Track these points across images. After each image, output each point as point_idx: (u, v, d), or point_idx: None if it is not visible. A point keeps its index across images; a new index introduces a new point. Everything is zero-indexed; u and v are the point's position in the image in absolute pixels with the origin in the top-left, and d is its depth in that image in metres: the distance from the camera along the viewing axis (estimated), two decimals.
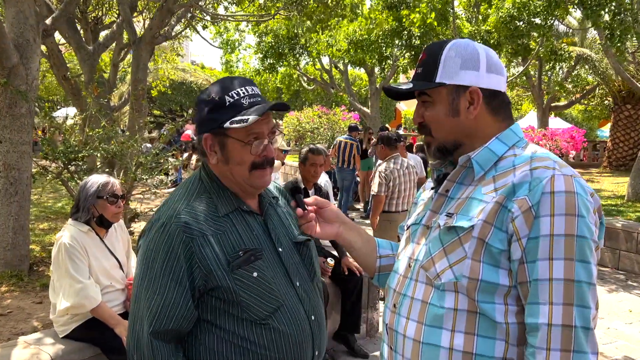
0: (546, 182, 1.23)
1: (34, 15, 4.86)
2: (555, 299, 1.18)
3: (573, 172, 1.27)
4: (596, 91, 20.32)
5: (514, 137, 1.40)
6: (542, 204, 1.21)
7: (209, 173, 1.63)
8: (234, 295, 1.49)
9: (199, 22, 11.42)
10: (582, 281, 1.18)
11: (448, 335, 1.30)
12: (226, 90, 1.56)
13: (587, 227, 1.20)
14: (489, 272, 1.27)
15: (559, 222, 1.20)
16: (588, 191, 1.25)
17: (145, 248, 1.51)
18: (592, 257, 1.21)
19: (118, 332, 3.03)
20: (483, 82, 1.39)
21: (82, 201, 3.18)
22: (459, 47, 1.41)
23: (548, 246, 1.20)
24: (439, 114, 1.42)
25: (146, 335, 1.45)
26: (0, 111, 4.68)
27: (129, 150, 5.52)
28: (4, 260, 4.64)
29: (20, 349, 3.03)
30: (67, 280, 2.99)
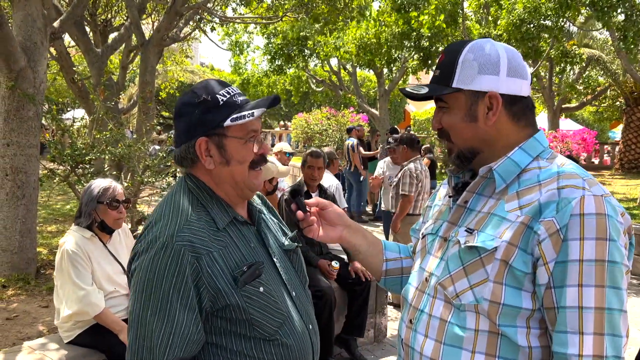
0: (575, 203, 1.15)
1: (41, 19, 4.86)
2: (586, 328, 1.12)
3: (603, 190, 1.19)
4: (607, 92, 20.13)
5: (539, 146, 1.31)
6: (571, 227, 1.14)
7: (196, 183, 1.54)
8: (243, 313, 1.42)
9: (207, 24, 11.43)
10: (613, 309, 1.12)
11: (468, 357, 1.24)
12: (215, 90, 1.50)
13: (618, 251, 1.14)
14: (511, 295, 1.21)
15: (589, 247, 1.13)
16: (619, 211, 1.18)
17: (146, 271, 1.39)
18: (623, 282, 1.15)
19: (122, 338, 3.00)
20: (503, 87, 1.29)
21: (84, 206, 3.16)
22: (478, 49, 1.31)
23: (578, 272, 1.13)
24: (456, 119, 1.34)
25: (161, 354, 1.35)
26: (8, 114, 4.68)
27: (136, 153, 5.51)
28: (11, 264, 4.64)
29: (24, 355, 3.01)
30: (70, 287, 2.97)
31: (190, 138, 1.49)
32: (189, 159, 1.52)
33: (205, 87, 1.51)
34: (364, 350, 4.64)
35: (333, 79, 21.34)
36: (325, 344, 4.29)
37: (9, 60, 4.57)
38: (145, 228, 1.50)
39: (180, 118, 1.53)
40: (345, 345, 4.58)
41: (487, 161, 1.32)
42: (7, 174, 4.66)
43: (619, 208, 1.19)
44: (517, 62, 1.32)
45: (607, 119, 23.58)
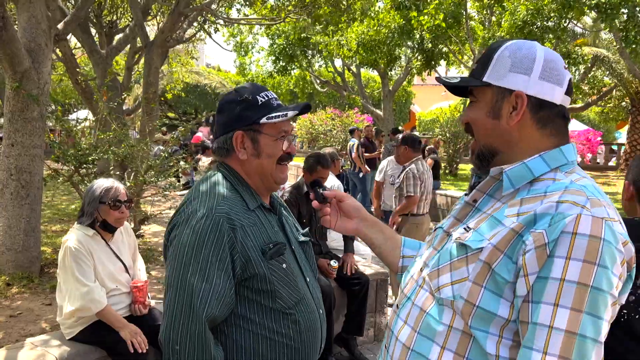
0: (570, 220, 1.09)
1: (46, 21, 4.93)
2: (552, 349, 1.06)
3: (607, 214, 1.11)
4: (613, 93, 20.05)
5: (561, 159, 1.25)
6: (559, 244, 1.08)
7: (229, 171, 1.73)
8: (268, 284, 1.60)
9: (212, 25, 11.49)
10: (586, 336, 1.06)
11: (437, 351, 1.23)
12: (257, 92, 1.72)
13: (607, 279, 1.07)
14: (489, 299, 1.17)
15: (574, 268, 1.07)
16: (620, 239, 1.10)
17: (187, 237, 1.54)
18: (606, 313, 1.08)
19: (123, 335, 3.05)
20: (532, 88, 1.25)
21: (86, 205, 3.21)
22: (515, 47, 1.29)
23: (556, 291, 1.08)
24: (481, 114, 1.32)
25: (201, 320, 1.49)
26: (13, 115, 4.75)
27: (139, 154, 5.57)
28: (15, 262, 4.70)
29: (26, 351, 3.06)
30: (73, 283, 3.02)
31: (229, 131, 1.71)
32: (225, 149, 1.73)
33: (247, 88, 1.73)
34: (364, 349, 4.68)
35: (337, 79, 21.38)
36: (326, 342, 4.33)
37: (13, 61, 4.64)
38: (182, 204, 1.68)
39: (221, 113, 1.75)
40: (345, 344, 4.62)
41: (505, 164, 1.29)
42: (11, 174, 4.73)
43: (621, 236, 1.11)
44: (554, 66, 1.26)
45: (613, 120, 23.48)
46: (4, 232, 4.72)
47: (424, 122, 29.79)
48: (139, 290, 3.30)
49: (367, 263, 5.22)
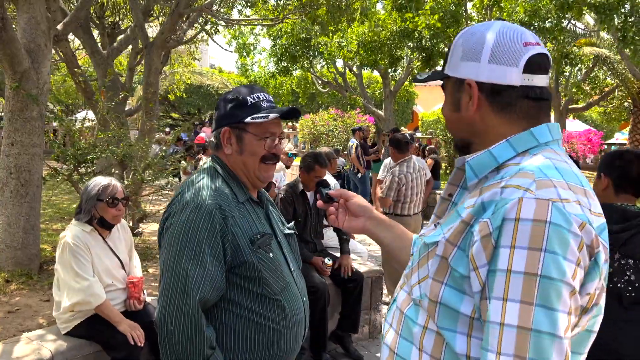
0: (511, 205, 1.00)
1: (45, 22, 4.99)
2: (505, 349, 0.96)
3: (558, 195, 1.01)
4: (615, 93, 20.00)
5: (531, 141, 1.15)
6: (503, 232, 1.00)
7: (221, 164, 1.85)
8: (255, 271, 1.70)
9: (213, 26, 11.55)
10: (542, 331, 0.95)
11: (417, 355, 1.16)
12: (249, 93, 1.83)
13: (556, 265, 0.96)
14: (450, 296, 1.10)
15: (519, 257, 0.97)
16: (575, 221, 0.99)
17: (181, 225, 1.65)
18: (561, 304, 0.96)
19: (122, 329, 3.11)
20: (482, 74, 1.17)
21: (84, 203, 3.28)
22: (468, 34, 1.23)
23: (504, 284, 0.98)
24: (446, 107, 1.29)
25: (195, 302, 1.58)
26: (12, 114, 4.81)
27: (137, 153, 5.63)
28: (15, 260, 4.77)
29: (22, 345, 3.12)
30: (72, 277, 3.08)
31: (219, 127, 1.84)
32: (215, 143, 1.86)
33: (244, 89, 1.85)
34: (359, 346, 4.72)
35: (339, 80, 21.43)
36: (319, 339, 4.38)
37: (13, 62, 4.70)
38: (177, 195, 1.78)
39: (216, 110, 1.89)
40: (340, 341, 4.67)
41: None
42: (11, 173, 4.79)
43: (577, 218, 0.99)
44: (505, 47, 1.16)
45: (615, 120, 23.43)
46: (4, 230, 4.79)
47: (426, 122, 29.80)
48: (134, 286, 3.35)
49: (362, 261, 5.27)
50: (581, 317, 1.05)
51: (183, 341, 1.58)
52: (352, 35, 12.99)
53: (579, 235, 0.99)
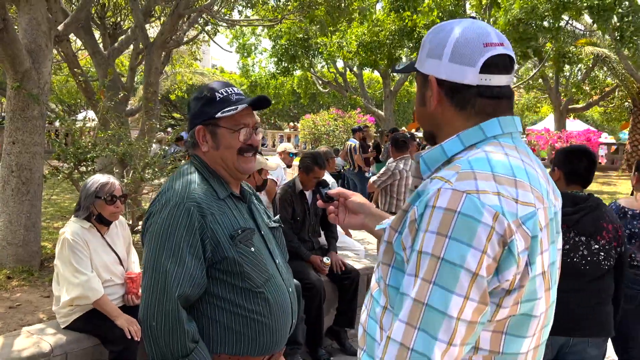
0: (431, 195, 1.10)
1: (46, 22, 5.07)
2: (402, 316, 1.08)
3: (476, 187, 1.08)
4: (616, 93, 20.05)
5: (478, 135, 1.21)
6: (423, 217, 1.10)
7: (200, 162, 1.87)
8: (237, 266, 1.73)
9: (213, 26, 11.64)
10: (434, 308, 1.04)
11: (379, 333, 1.24)
12: (216, 89, 1.85)
13: (459, 253, 1.04)
14: (395, 277, 1.19)
15: (429, 240, 1.07)
16: (488, 212, 1.05)
17: (161, 224, 1.69)
18: (457, 287, 1.03)
19: (119, 323, 3.16)
20: (443, 72, 1.23)
21: (83, 200, 3.35)
22: (436, 31, 1.28)
23: (415, 262, 1.09)
24: (416, 101, 1.36)
25: (174, 298, 1.62)
26: (14, 113, 4.89)
27: (137, 152, 5.70)
28: (16, 256, 4.85)
29: (22, 339, 3.19)
30: (71, 273, 3.14)
31: (193, 126, 1.86)
32: (192, 142, 1.89)
33: (210, 86, 1.88)
34: (354, 341, 4.78)
35: (339, 80, 21.51)
36: (316, 334, 4.45)
37: (14, 62, 4.78)
38: (158, 195, 1.83)
39: (189, 110, 1.93)
40: (336, 337, 4.73)
41: None
42: (12, 171, 4.87)
43: (492, 209, 1.05)
44: (465, 47, 1.21)
45: (615, 120, 23.48)
46: (5, 227, 4.87)
47: None
48: (132, 281, 3.42)
49: (357, 258, 5.33)
50: (503, 299, 1.10)
51: (165, 336, 1.63)
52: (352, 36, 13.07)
53: (489, 225, 1.04)
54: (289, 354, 4.19)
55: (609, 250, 2.68)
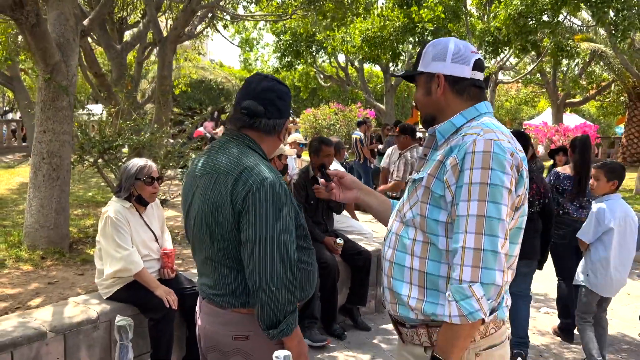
0: (469, 144, 1.60)
1: (73, 17, 5.36)
2: (470, 229, 1.54)
3: (497, 136, 1.60)
4: (612, 87, 20.39)
5: (474, 112, 1.76)
6: (465, 161, 1.59)
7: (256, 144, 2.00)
8: (304, 230, 2.04)
9: (220, 21, 11.90)
10: (492, 217, 1.54)
11: (409, 259, 1.73)
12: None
13: (498, 177, 1.55)
14: (432, 211, 1.68)
15: (476, 174, 1.56)
16: (508, 151, 1.59)
17: (267, 198, 1.84)
18: (503, 199, 1.55)
19: (158, 294, 3.45)
20: (447, 70, 1.76)
21: (124, 181, 3.64)
22: (435, 44, 1.82)
23: (467, 191, 1.56)
24: (420, 93, 1.85)
25: (293, 264, 1.85)
26: (44, 104, 5.18)
27: (156, 142, 6.00)
28: (48, 238, 5.15)
29: (71, 307, 3.49)
30: (113, 248, 3.44)
31: (284, 117, 2.05)
32: (273, 129, 2.02)
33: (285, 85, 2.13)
34: (366, 319, 5.09)
35: (341, 74, 21.77)
36: (330, 311, 4.76)
37: (45, 55, 5.07)
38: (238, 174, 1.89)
39: (282, 100, 2.04)
40: (350, 314, 5.04)
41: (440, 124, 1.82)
42: (43, 158, 5.17)
43: (509, 149, 1.59)
44: (462, 53, 1.77)
45: (611, 114, 23.84)
46: (37, 211, 5.17)
47: None
48: (167, 256, 3.73)
49: (367, 241, 5.64)
50: (514, 214, 1.64)
51: (283, 298, 1.84)
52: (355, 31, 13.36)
53: (510, 159, 1.59)
54: (307, 327, 4.51)
55: (533, 201, 4.11)
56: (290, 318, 1.87)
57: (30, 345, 3.07)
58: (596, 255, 4.11)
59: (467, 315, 1.53)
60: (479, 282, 1.53)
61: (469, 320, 1.53)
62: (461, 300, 1.54)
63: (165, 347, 3.54)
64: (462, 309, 1.53)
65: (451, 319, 1.56)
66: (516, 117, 33.67)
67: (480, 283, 1.53)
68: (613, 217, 4.03)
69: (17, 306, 3.86)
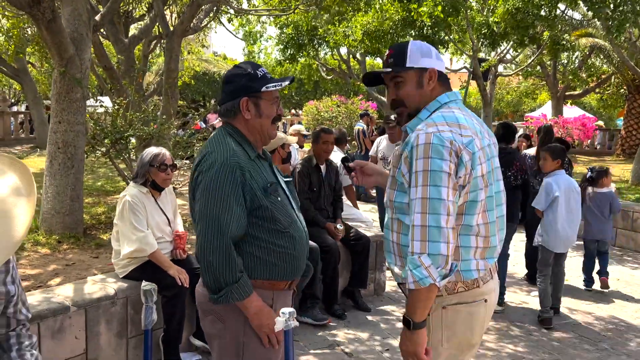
0: (414, 139, 1.93)
1: (86, 13, 5.60)
2: (417, 209, 1.86)
3: (437, 129, 1.90)
4: (612, 80, 20.54)
5: (436, 105, 2.06)
6: (412, 153, 1.92)
7: (233, 129, 2.23)
8: (269, 212, 2.18)
9: (224, 14, 12.11)
10: (434, 198, 1.84)
11: (390, 233, 2.12)
12: (255, 68, 2.25)
13: (437, 164, 1.85)
14: (398, 195, 2.04)
15: (420, 163, 1.88)
16: (447, 140, 1.87)
17: (211, 179, 2.08)
18: (443, 182, 1.85)
19: (171, 273, 3.71)
20: (434, 65, 2.07)
21: (139, 168, 3.90)
22: (417, 44, 2.11)
23: (415, 178, 1.89)
24: (410, 88, 2.07)
25: (227, 237, 2.07)
26: (59, 96, 5.44)
27: (165, 132, 6.26)
28: (63, 224, 5.42)
29: (90, 285, 3.76)
30: (130, 230, 3.70)
31: (236, 97, 2.21)
32: (232, 111, 2.23)
33: (250, 65, 2.30)
34: (367, 299, 5.36)
35: (343, 67, 21.96)
36: (332, 292, 5.03)
37: (60, 49, 5.32)
38: (201, 157, 2.18)
39: (229, 84, 2.25)
40: (351, 296, 5.30)
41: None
42: (59, 147, 5.43)
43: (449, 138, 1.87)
44: (436, 52, 2.13)
45: (611, 106, 23.99)
46: (54, 198, 5.44)
47: None
48: (180, 238, 3.99)
49: (367, 228, 5.89)
50: (460, 191, 1.92)
51: (220, 268, 2.05)
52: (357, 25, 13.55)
53: (449, 147, 1.86)
54: (309, 307, 4.78)
55: (517, 176, 5.05)
56: (230, 287, 2.07)
57: (55, 318, 3.33)
58: (547, 219, 4.97)
59: (419, 281, 1.81)
60: (427, 253, 1.81)
61: (421, 285, 1.81)
62: (414, 269, 1.82)
63: (177, 323, 3.80)
64: (415, 276, 1.82)
65: (408, 284, 1.85)
66: (518, 110, 33.83)
67: (427, 254, 1.81)
68: (558, 188, 4.90)
69: (38, 285, 4.13)
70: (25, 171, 1.42)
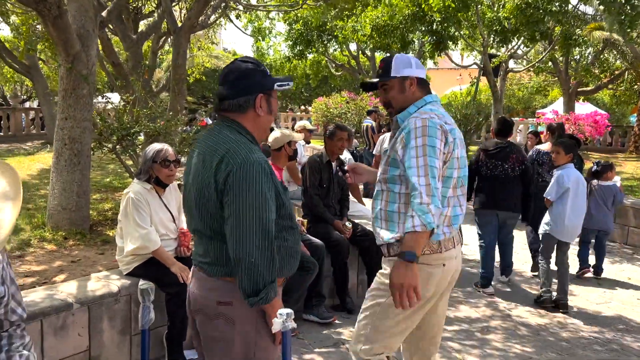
0: (412, 123, 2.45)
1: (92, 9, 5.59)
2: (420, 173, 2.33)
3: (429, 116, 2.44)
4: (625, 76, 20.25)
5: (423, 102, 2.60)
6: (410, 133, 2.43)
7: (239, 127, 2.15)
8: (287, 209, 2.19)
9: (232, 10, 12.10)
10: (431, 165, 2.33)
11: (380, 203, 2.61)
12: (262, 64, 2.26)
13: (432, 141, 2.37)
14: (391, 170, 2.55)
15: (419, 140, 2.38)
16: (438, 124, 2.42)
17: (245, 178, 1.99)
18: (436, 154, 2.36)
19: (174, 270, 3.69)
20: (414, 73, 2.62)
21: (142, 164, 3.88)
22: (400, 57, 2.65)
23: (415, 151, 2.37)
24: (395, 92, 2.64)
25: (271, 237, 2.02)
26: (66, 92, 5.44)
27: (172, 129, 6.25)
28: (70, 220, 5.42)
29: (93, 282, 3.75)
30: (133, 227, 3.68)
31: (251, 93, 2.16)
32: (244, 107, 2.16)
33: (254, 61, 2.26)
34: None
35: (352, 63, 21.86)
36: (342, 285, 5.01)
37: (66, 46, 5.31)
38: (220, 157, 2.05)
39: (243, 79, 2.17)
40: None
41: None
42: (65, 144, 5.43)
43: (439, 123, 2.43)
44: (417, 61, 2.69)
45: (624, 102, 23.66)
46: (60, 194, 5.44)
47: None
48: (184, 235, 3.97)
49: None
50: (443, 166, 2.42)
51: (261, 268, 2.01)
52: (366, 20, 13.46)
53: (440, 129, 2.41)
54: (314, 305, 4.75)
55: (514, 167, 5.53)
56: (269, 288, 2.03)
57: (57, 315, 3.33)
58: (557, 210, 5.25)
59: (427, 224, 2.22)
60: (433, 204, 2.26)
61: (427, 228, 2.23)
62: (422, 215, 2.23)
63: (181, 320, 3.78)
64: (423, 220, 2.22)
65: (415, 228, 2.23)
66: (529, 106, 33.50)
67: (434, 205, 2.27)
68: (569, 180, 5.19)
69: (43, 281, 4.14)
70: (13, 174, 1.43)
